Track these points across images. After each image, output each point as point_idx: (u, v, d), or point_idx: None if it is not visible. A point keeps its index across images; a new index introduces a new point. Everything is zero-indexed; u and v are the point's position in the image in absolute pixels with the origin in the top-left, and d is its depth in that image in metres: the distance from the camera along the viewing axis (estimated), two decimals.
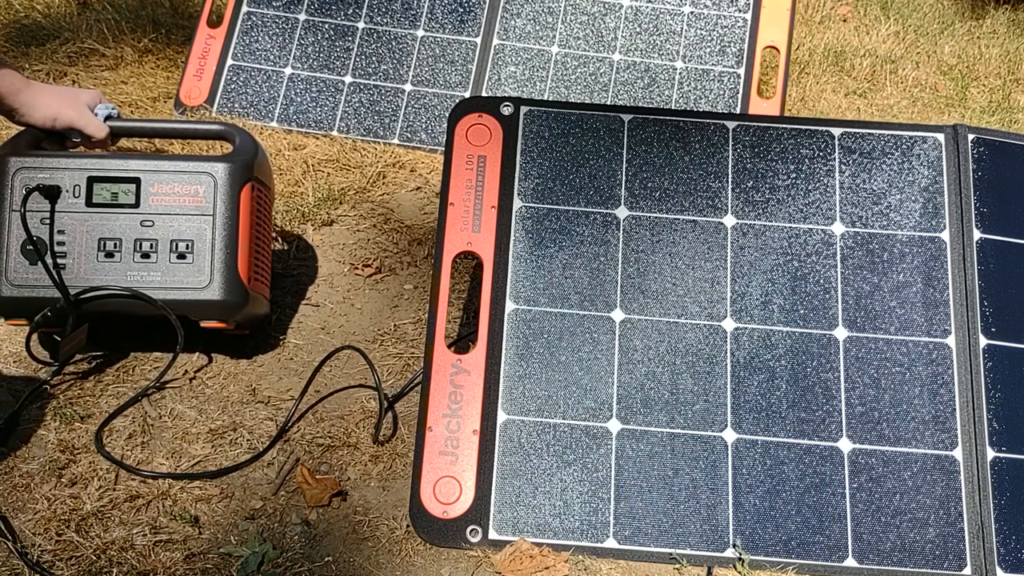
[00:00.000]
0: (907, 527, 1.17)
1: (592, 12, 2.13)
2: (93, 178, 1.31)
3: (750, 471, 1.19)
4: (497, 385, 1.22)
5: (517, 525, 1.16)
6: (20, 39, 2.29)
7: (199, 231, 1.31)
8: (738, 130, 1.34)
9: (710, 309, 1.26)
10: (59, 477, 1.20)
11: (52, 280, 1.26)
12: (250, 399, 1.36)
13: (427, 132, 2.04)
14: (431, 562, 1.14)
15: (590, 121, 1.34)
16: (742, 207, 1.31)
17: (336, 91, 2.07)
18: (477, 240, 1.27)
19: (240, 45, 2.10)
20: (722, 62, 2.08)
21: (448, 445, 1.19)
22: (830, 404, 1.22)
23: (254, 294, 1.35)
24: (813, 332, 1.25)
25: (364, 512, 1.20)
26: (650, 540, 1.16)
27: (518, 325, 1.24)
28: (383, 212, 1.81)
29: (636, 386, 1.23)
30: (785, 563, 1.15)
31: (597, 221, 1.30)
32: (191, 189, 1.32)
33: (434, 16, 2.12)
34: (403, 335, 1.51)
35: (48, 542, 1.11)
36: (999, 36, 3.06)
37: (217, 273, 1.31)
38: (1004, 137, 1.34)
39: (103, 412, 1.31)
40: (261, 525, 1.17)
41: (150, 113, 2.07)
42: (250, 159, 1.36)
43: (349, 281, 1.63)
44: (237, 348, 1.45)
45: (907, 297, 1.27)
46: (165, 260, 1.31)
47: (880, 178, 1.32)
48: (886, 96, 2.56)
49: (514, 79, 2.08)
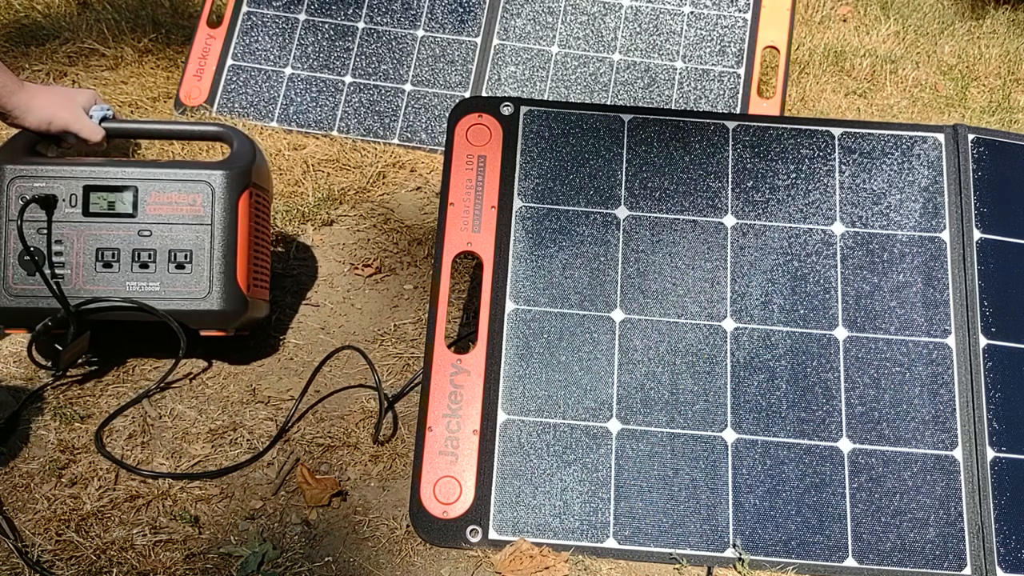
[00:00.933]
0: (907, 527, 1.17)
1: (592, 12, 2.13)
2: (89, 187, 1.30)
3: (750, 471, 1.19)
4: (497, 385, 1.22)
5: (517, 525, 1.16)
6: (20, 39, 2.29)
7: (197, 241, 1.31)
8: (738, 130, 1.34)
9: (710, 309, 1.26)
10: (59, 477, 1.20)
11: (51, 291, 1.25)
12: (250, 399, 1.36)
13: (427, 132, 2.04)
14: (431, 562, 1.14)
15: (590, 121, 1.34)
16: (742, 207, 1.31)
17: (336, 91, 2.07)
18: (477, 240, 1.28)
19: (240, 45, 2.10)
20: (722, 62, 2.08)
21: (448, 445, 1.19)
22: (830, 404, 1.22)
23: (253, 300, 1.35)
24: (813, 332, 1.25)
25: (364, 512, 1.20)
26: (650, 540, 1.16)
27: (518, 325, 1.24)
28: (383, 212, 1.81)
29: (636, 386, 1.23)
30: (785, 563, 1.15)
31: (597, 221, 1.30)
32: (189, 198, 1.31)
33: (434, 16, 2.12)
34: (403, 335, 1.51)
35: (48, 542, 1.11)
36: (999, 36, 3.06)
37: (216, 283, 1.30)
38: (1004, 137, 1.34)
39: (103, 412, 1.31)
40: (261, 525, 1.17)
41: (150, 113, 2.07)
42: (248, 164, 1.35)
43: (349, 281, 1.63)
44: (237, 348, 1.45)
45: (907, 297, 1.27)
46: (164, 270, 1.30)
47: (880, 178, 1.32)
48: (886, 96, 2.56)
49: (514, 79, 2.08)
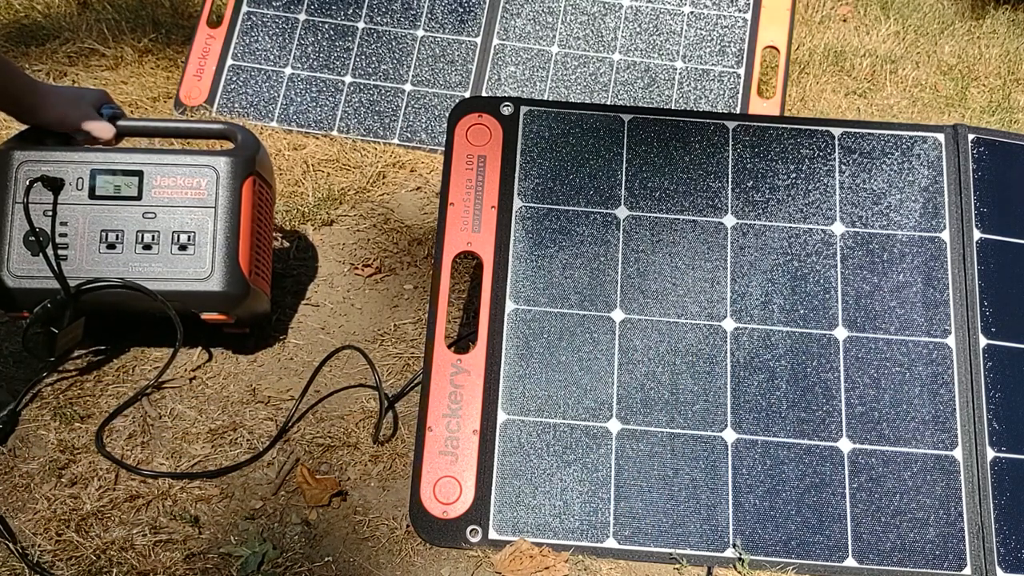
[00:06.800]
0: (907, 527, 1.17)
1: (592, 12, 2.13)
2: (96, 170, 1.32)
3: (750, 471, 1.19)
4: (497, 385, 1.22)
5: (517, 525, 1.16)
6: (20, 39, 2.29)
7: (201, 223, 1.32)
8: (738, 130, 1.34)
9: (710, 309, 1.26)
10: (59, 477, 1.20)
11: (52, 271, 1.26)
12: (250, 399, 1.36)
13: (427, 132, 2.04)
14: (431, 562, 1.14)
15: (590, 121, 1.34)
16: (742, 207, 1.31)
17: (336, 91, 2.07)
18: (477, 240, 1.27)
19: (240, 45, 2.10)
20: (722, 62, 2.08)
21: (448, 445, 1.19)
22: (830, 404, 1.22)
23: (255, 288, 1.36)
24: (813, 332, 1.25)
25: (364, 512, 1.20)
26: (650, 540, 1.16)
27: (518, 325, 1.24)
28: (383, 212, 1.81)
29: (636, 386, 1.23)
30: (785, 563, 1.15)
31: (597, 221, 1.30)
32: (193, 182, 1.33)
33: (434, 16, 2.12)
34: (403, 335, 1.51)
35: (48, 542, 1.11)
36: (999, 36, 3.06)
37: (218, 264, 1.31)
38: (1004, 137, 1.34)
39: (103, 412, 1.31)
40: (261, 525, 1.17)
41: (150, 113, 2.07)
42: (252, 154, 1.37)
43: (349, 281, 1.63)
44: (237, 347, 1.45)
45: (907, 297, 1.27)
46: (166, 252, 1.31)
47: (880, 178, 1.32)
48: (886, 96, 2.56)
49: (514, 79, 2.08)
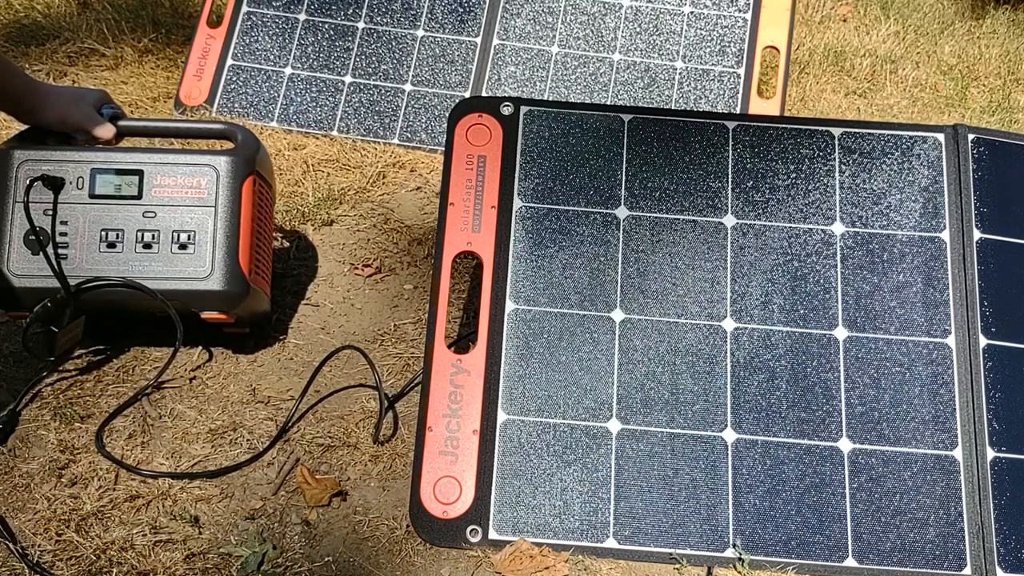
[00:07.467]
0: (907, 527, 1.17)
1: (592, 12, 2.13)
2: (96, 170, 1.32)
3: (750, 471, 1.19)
4: (497, 385, 1.22)
5: (517, 525, 1.16)
6: (20, 39, 2.29)
7: (201, 222, 1.32)
8: (738, 130, 1.34)
9: (710, 309, 1.26)
10: (59, 477, 1.20)
11: (52, 270, 1.26)
12: (250, 399, 1.36)
13: (427, 132, 2.04)
14: (431, 562, 1.14)
15: (590, 121, 1.34)
16: (742, 207, 1.31)
17: (336, 91, 2.07)
18: (477, 240, 1.27)
19: (240, 45, 2.10)
20: (722, 62, 2.08)
21: (448, 445, 1.19)
22: (830, 404, 1.22)
23: (255, 288, 1.36)
24: (813, 332, 1.25)
25: (364, 512, 1.20)
26: (650, 540, 1.16)
27: (518, 325, 1.24)
28: (383, 212, 1.81)
29: (636, 386, 1.23)
30: (785, 563, 1.15)
31: (597, 221, 1.30)
32: (194, 181, 1.33)
33: (434, 16, 2.12)
34: (403, 335, 1.51)
35: (48, 542, 1.11)
36: (999, 36, 3.06)
37: (218, 263, 1.31)
38: (1004, 137, 1.34)
39: (103, 412, 1.31)
40: (261, 525, 1.17)
41: (150, 113, 2.07)
42: (252, 154, 1.37)
43: (349, 281, 1.63)
44: (237, 347, 1.45)
45: (907, 297, 1.27)
46: (167, 251, 1.31)
47: (880, 178, 1.32)
48: (886, 96, 2.56)
49: (514, 79, 2.08)
